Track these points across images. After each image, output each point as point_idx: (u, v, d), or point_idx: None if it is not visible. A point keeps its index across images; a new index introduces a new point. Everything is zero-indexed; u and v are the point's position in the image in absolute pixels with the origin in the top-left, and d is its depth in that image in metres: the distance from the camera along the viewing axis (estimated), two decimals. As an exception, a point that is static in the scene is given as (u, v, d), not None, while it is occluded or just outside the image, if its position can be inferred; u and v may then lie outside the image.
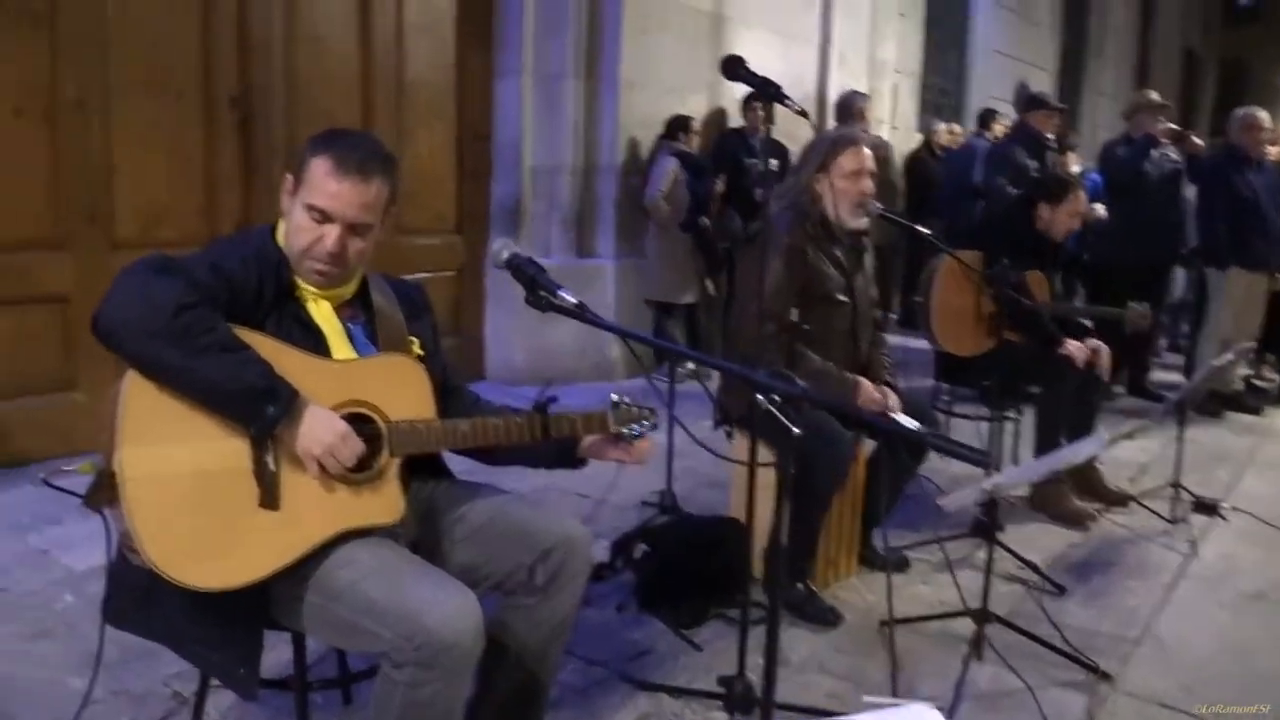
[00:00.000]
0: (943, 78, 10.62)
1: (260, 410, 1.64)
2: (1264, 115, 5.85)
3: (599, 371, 5.86)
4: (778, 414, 1.45)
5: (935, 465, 4.62)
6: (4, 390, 3.91)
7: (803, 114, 2.18)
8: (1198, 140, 6.22)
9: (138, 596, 1.74)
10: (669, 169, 5.90)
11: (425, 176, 5.55)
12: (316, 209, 1.81)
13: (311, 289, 1.87)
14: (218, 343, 1.62)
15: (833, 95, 7.79)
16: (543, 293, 1.76)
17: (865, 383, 3.04)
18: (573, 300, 1.75)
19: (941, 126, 8.63)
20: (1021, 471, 2.70)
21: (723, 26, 6.66)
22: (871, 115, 7.61)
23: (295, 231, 1.84)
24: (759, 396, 1.47)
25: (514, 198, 5.86)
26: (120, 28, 4.12)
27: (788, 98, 2.16)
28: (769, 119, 2.17)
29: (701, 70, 6.36)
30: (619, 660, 2.71)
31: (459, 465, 2.60)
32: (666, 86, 6.27)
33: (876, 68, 8.62)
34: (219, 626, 1.74)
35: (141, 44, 4.20)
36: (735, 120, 6.71)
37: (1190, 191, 6.44)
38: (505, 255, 1.82)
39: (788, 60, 7.49)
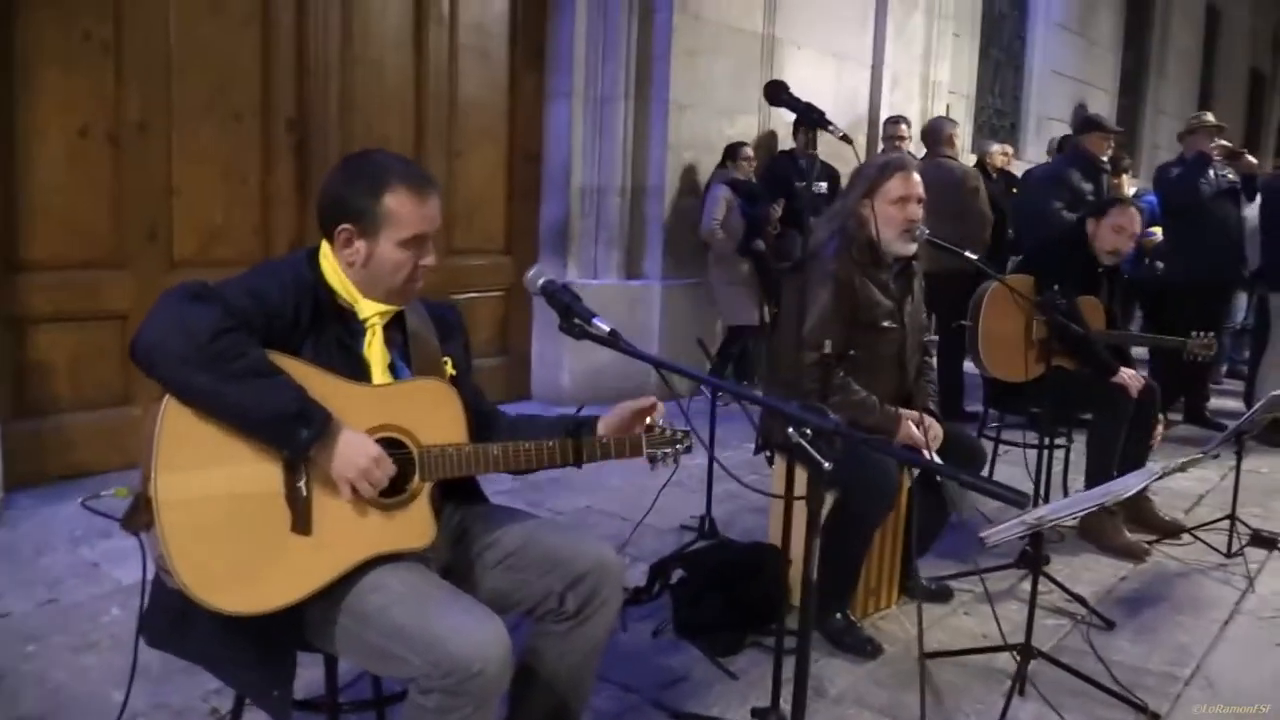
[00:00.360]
0: (999, 98, 10.51)
1: (293, 434, 1.66)
2: None
3: (644, 393, 5.84)
4: (808, 448, 1.44)
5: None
6: (68, 403, 4.04)
7: (845, 139, 2.16)
8: (1252, 159, 6.06)
9: (173, 618, 1.77)
10: (721, 197, 5.99)
11: (475, 197, 5.62)
12: (416, 238, 1.86)
13: (378, 313, 1.90)
14: (251, 368, 1.65)
15: (885, 116, 7.74)
16: (577, 320, 1.76)
17: (907, 418, 3.01)
18: (606, 328, 1.75)
19: (995, 148, 8.52)
20: (1067, 504, 2.64)
21: (775, 48, 6.67)
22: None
23: (392, 270, 1.87)
24: (790, 430, 1.46)
25: (562, 219, 5.90)
26: (182, 52, 4.24)
27: (830, 123, 2.15)
28: (812, 144, 2.17)
29: (752, 92, 6.36)
30: (653, 687, 2.70)
31: (498, 486, 2.62)
32: (717, 108, 6.29)
33: (930, 89, 8.57)
34: (252, 649, 1.76)
35: (203, 68, 4.32)
36: (786, 142, 6.71)
37: (1250, 211, 6.29)
38: (540, 281, 1.83)
39: (840, 81, 7.48)
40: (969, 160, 8.99)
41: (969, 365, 4.40)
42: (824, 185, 6.14)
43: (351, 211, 1.86)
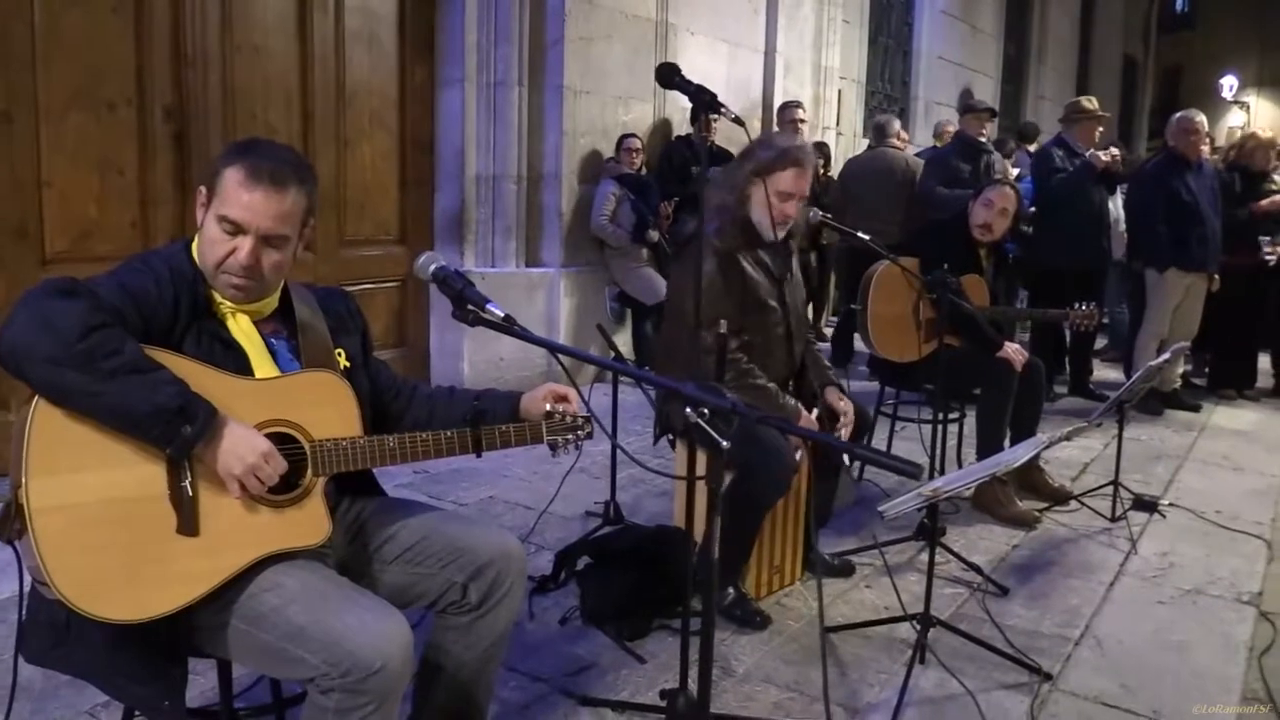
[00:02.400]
0: (888, 84, 10.74)
1: (176, 431, 1.59)
2: (1200, 118, 5.97)
3: (547, 381, 5.82)
4: (706, 427, 1.44)
5: (881, 470, 4.68)
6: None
7: (738, 122, 2.16)
8: (1117, 155, 6.30)
9: (56, 631, 1.67)
10: (609, 193, 6.05)
11: (367, 186, 5.49)
12: (229, 220, 1.76)
13: (229, 304, 1.82)
14: (126, 364, 1.57)
15: (779, 101, 7.84)
16: (470, 306, 1.72)
17: (805, 415, 3.05)
18: (500, 313, 1.72)
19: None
20: (960, 475, 2.71)
21: (669, 34, 6.68)
22: (803, 124, 7.66)
23: (208, 245, 1.79)
24: (687, 410, 1.46)
25: (458, 207, 5.81)
26: (49, 39, 4.02)
27: (723, 106, 2.15)
28: (707, 127, 2.16)
29: (647, 78, 6.36)
30: (561, 675, 2.69)
31: (397, 479, 2.55)
32: (613, 94, 6.28)
33: (822, 74, 8.71)
34: (141, 659, 1.69)
35: (71, 56, 4.11)
36: (684, 128, 6.73)
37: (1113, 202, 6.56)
38: (432, 268, 1.79)
39: (733, 67, 7.54)
40: (862, 145, 9.19)
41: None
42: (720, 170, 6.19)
43: (208, 175, 1.82)
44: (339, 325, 2.04)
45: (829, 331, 7.96)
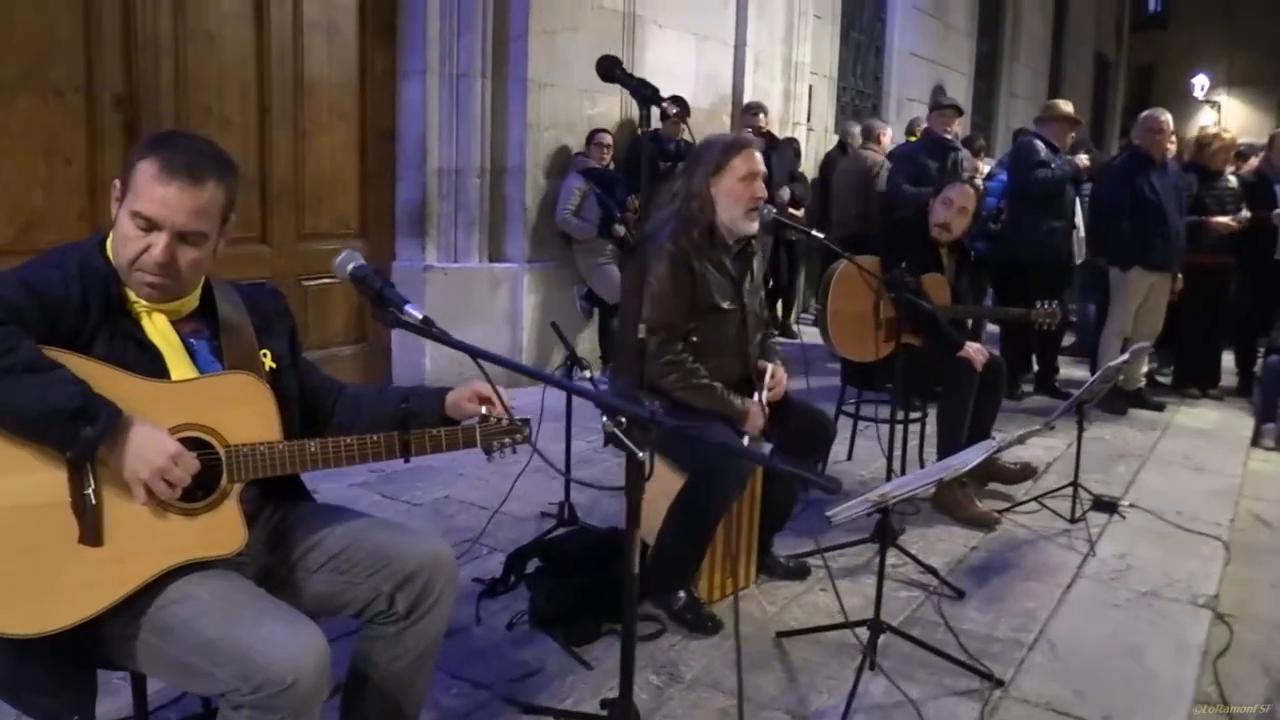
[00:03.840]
0: (861, 80, 10.71)
1: (73, 433, 1.51)
2: (1166, 117, 5.96)
3: (509, 379, 5.74)
4: (623, 437, 1.38)
5: (843, 469, 4.64)
6: None
7: (677, 116, 2.11)
8: (1086, 160, 6.32)
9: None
10: (574, 188, 5.99)
11: (327, 179, 5.40)
12: (142, 216, 1.69)
13: (144, 303, 1.75)
14: (20, 364, 1.49)
15: (749, 96, 7.79)
16: (390, 308, 1.66)
17: (754, 410, 2.99)
18: (419, 315, 1.65)
19: (856, 128, 8.69)
20: (909, 480, 2.67)
21: (636, 26, 6.61)
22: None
23: (121, 241, 1.72)
24: (604, 419, 1.40)
25: (420, 200, 5.72)
26: (-8, 23, 3.92)
27: (664, 100, 2.10)
28: (646, 121, 2.10)
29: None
30: (505, 682, 2.62)
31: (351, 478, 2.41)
32: (578, 87, 6.20)
33: (793, 69, 8.65)
34: (47, 671, 1.62)
35: (13, 40, 3.99)
36: (651, 122, 6.66)
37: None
38: (350, 266, 1.71)
39: (702, 61, 7.47)
40: (832, 140, 9.17)
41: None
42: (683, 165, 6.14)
43: (125, 169, 1.74)
44: (265, 325, 1.96)
45: (800, 329, 7.92)
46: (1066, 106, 6.34)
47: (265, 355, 1.93)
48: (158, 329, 1.76)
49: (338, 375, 5.47)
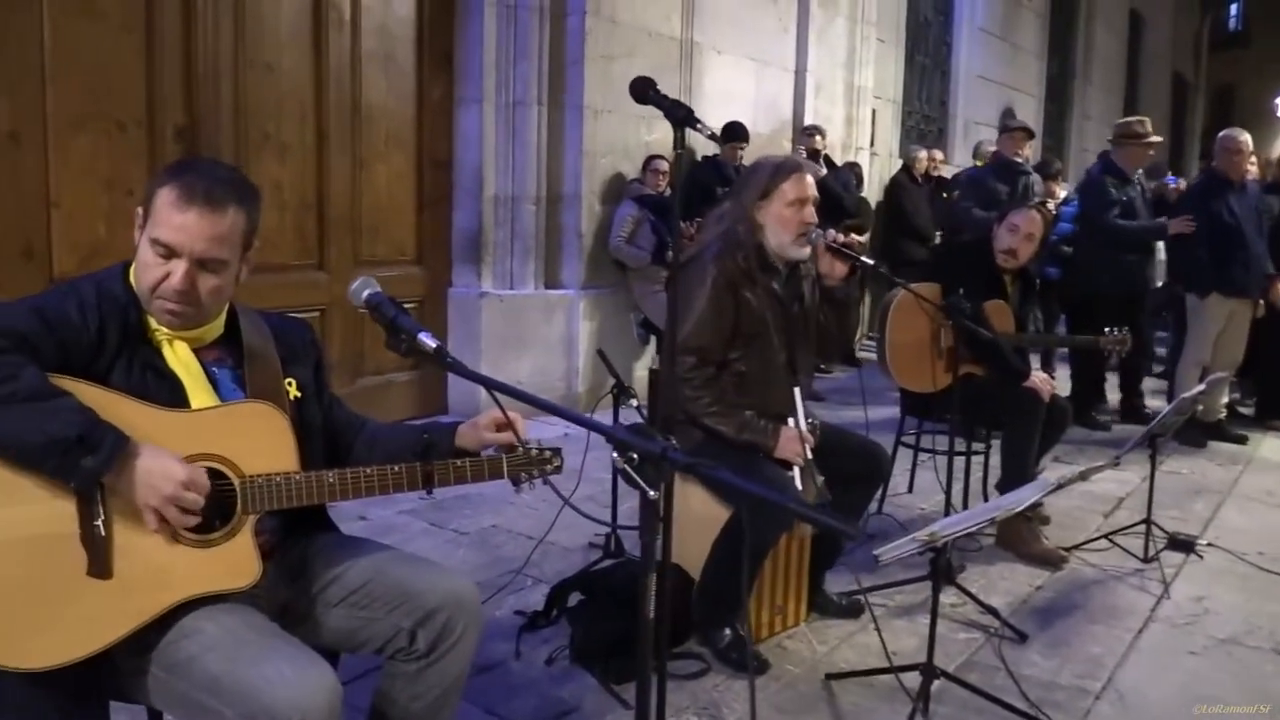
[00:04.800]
0: (926, 104, 10.55)
1: (73, 462, 1.48)
2: (1245, 137, 5.72)
3: (565, 404, 5.72)
4: (633, 474, 1.30)
5: (903, 502, 4.49)
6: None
7: (714, 138, 2.05)
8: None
9: (-23, 672, 1.58)
10: (627, 216, 5.96)
11: (383, 207, 5.44)
12: (161, 243, 1.67)
13: (165, 330, 1.72)
14: (20, 392, 1.47)
15: (809, 121, 7.70)
16: (403, 336, 1.61)
17: (786, 430, 2.88)
18: (433, 344, 1.59)
19: (922, 153, 8.54)
20: (962, 519, 2.54)
21: (694, 53, 6.57)
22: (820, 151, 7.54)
23: (142, 269, 1.70)
24: (614, 455, 1.32)
25: (475, 228, 5.74)
26: (58, 58, 4.01)
27: (699, 121, 2.03)
28: (681, 143, 2.03)
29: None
30: (541, 719, 2.55)
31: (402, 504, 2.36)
32: (634, 114, 6.17)
33: (855, 94, 8.55)
34: (60, 704, 1.59)
35: (80, 75, 4.09)
36: (708, 148, 6.61)
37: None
38: (365, 294, 1.67)
39: (761, 87, 7.41)
40: (897, 164, 9.03)
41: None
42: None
43: (146, 196, 1.72)
44: (291, 354, 1.93)
45: (865, 355, 7.76)
46: (1140, 125, 6.10)
47: (290, 384, 1.89)
48: (179, 357, 1.73)
49: (394, 402, 5.52)
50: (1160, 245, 6.30)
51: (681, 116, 1.97)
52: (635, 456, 1.32)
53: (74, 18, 4.05)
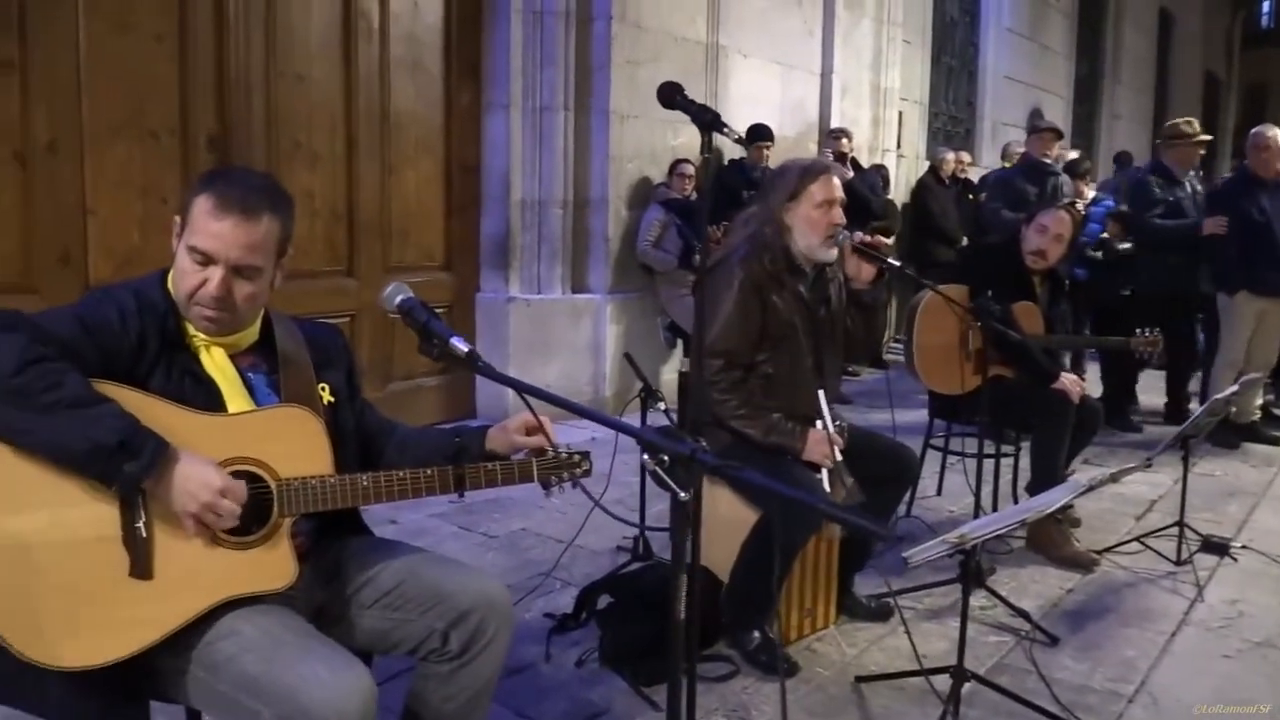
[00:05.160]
0: (953, 105, 10.50)
1: (116, 468, 1.51)
2: (1274, 133, 5.65)
3: (591, 408, 5.74)
4: (664, 476, 1.31)
5: (931, 505, 4.47)
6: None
7: (740, 142, 2.06)
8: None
9: (22, 670, 1.61)
10: (654, 220, 5.97)
11: (412, 213, 5.49)
12: (198, 250, 1.70)
13: (203, 337, 1.76)
14: (65, 399, 1.50)
15: (835, 123, 7.69)
16: (435, 340, 1.63)
17: (813, 433, 2.88)
18: (464, 348, 1.62)
19: (949, 154, 8.51)
20: (991, 521, 2.52)
21: (719, 56, 6.58)
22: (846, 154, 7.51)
23: (180, 276, 1.73)
24: (644, 457, 1.34)
25: (503, 232, 5.77)
26: (93, 69, 4.09)
27: (726, 125, 2.04)
28: (708, 147, 2.05)
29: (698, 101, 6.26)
30: (570, 722, 2.57)
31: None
32: (661, 117, 6.18)
33: (881, 96, 8.53)
34: (101, 701, 1.62)
35: (115, 85, 4.17)
36: (735, 151, 6.62)
37: None
38: (398, 299, 1.69)
39: (787, 90, 7.41)
40: (924, 166, 9.00)
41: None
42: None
43: (183, 205, 1.76)
44: (324, 359, 1.96)
45: (893, 358, 7.74)
46: (1188, 126, 6.07)
47: (324, 389, 1.92)
48: (215, 363, 1.76)
49: (423, 406, 5.55)
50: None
51: (709, 121, 1.99)
52: (666, 459, 1.33)
53: (109, 29, 4.12)
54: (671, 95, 2.04)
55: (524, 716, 2.57)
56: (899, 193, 8.60)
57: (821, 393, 2.90)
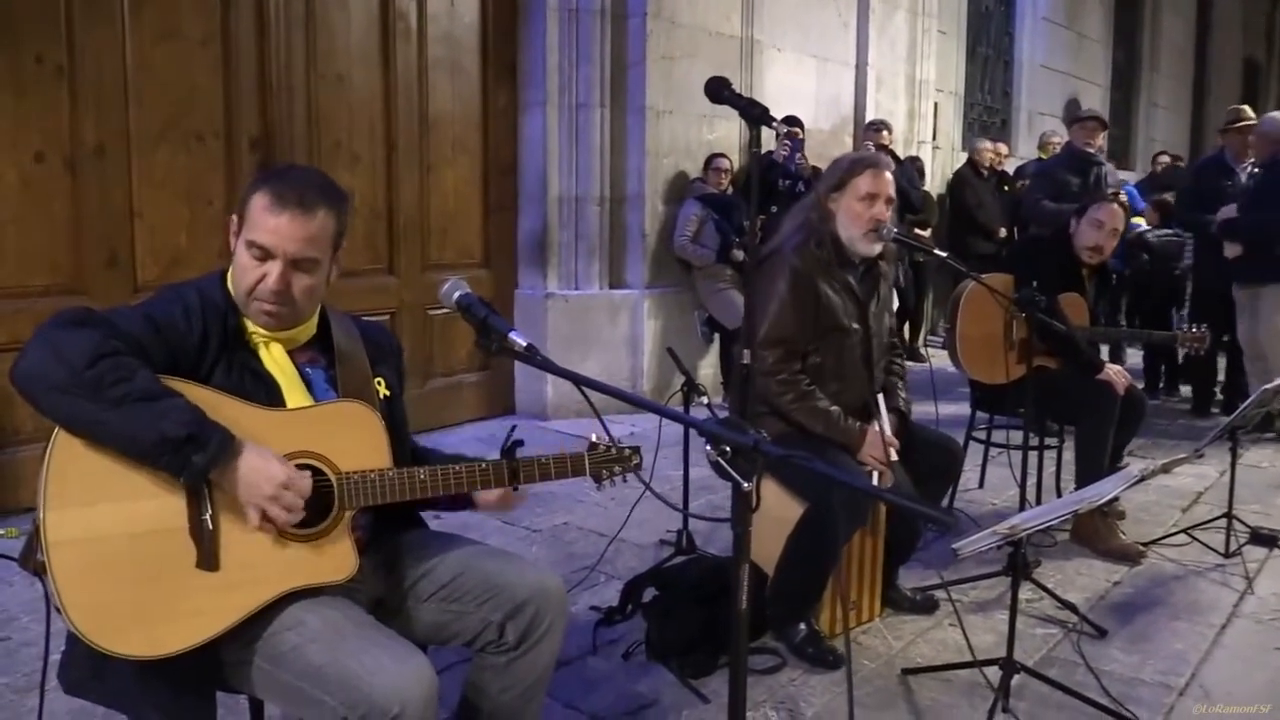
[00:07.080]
0: (989, 95, 10.41)
1: (184, 459, 1.55)
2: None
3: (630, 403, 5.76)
4: (727, 467, 1.33)
5: (973, 497, 4.45)
6: (28, 435, 3.90)
7: (786, 125, 2.07)
8: None
9: (93, 661, 1.65)
10: (692, 215, 5.98)
11: (451, 211, 5.53)
12: (257, 245, 1.74)
13: (262, 333, 1.79)
14: (134, 392, 1.54)
15: (871, 116, 7.66)
16: (494, 335, 1.65)
17: (871, 432, 2.88)
18: (523, 342, 1.64)
19: (986, 145, 8.44)
20: (1040, 512, 2.51)
21: (754, 51, 6.56)
22: (886, 146, 7.44)
23: (240, 272, 1.77)
24: (707, 448, 1.35)
25: (541, 229, 5.81)
26: (139, 75, 4.17)
27: (773, 119, 2.05)
28: (756, 142, 2.06)
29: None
30: (620, 714, 2.59)
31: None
32: (696, 113, 6.19)
33: (917, 87, 8.47)
34: (170, 691, 1.65)
35: (161, 90, 4.24)
36: (771, 145, 6.61)
37: None
38: (456, 295, 1.72)
39: (823, 83, 7.39)
40: (961, 159, 8.93)
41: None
42: (804, 186, 6.06)
43: (240, 203, 1.80)
44: (379, 355, 1.99)
45: (929, 353, 7.68)
46: (1245, 114, 6.01)
47: (379, 384, 1.95)
48: (274, 359, 1.80)
49: (464, 402, 5.60)
50: None
51: (757, 115, 2.00)
52: (728, 449, 1.34)
53: (153, 36, 4.20)
54: (720, 90, 2.06)
55: (573, 708, 2.59)
56: (934, 185, 8.55)
57: (880, 397, 2.91)
